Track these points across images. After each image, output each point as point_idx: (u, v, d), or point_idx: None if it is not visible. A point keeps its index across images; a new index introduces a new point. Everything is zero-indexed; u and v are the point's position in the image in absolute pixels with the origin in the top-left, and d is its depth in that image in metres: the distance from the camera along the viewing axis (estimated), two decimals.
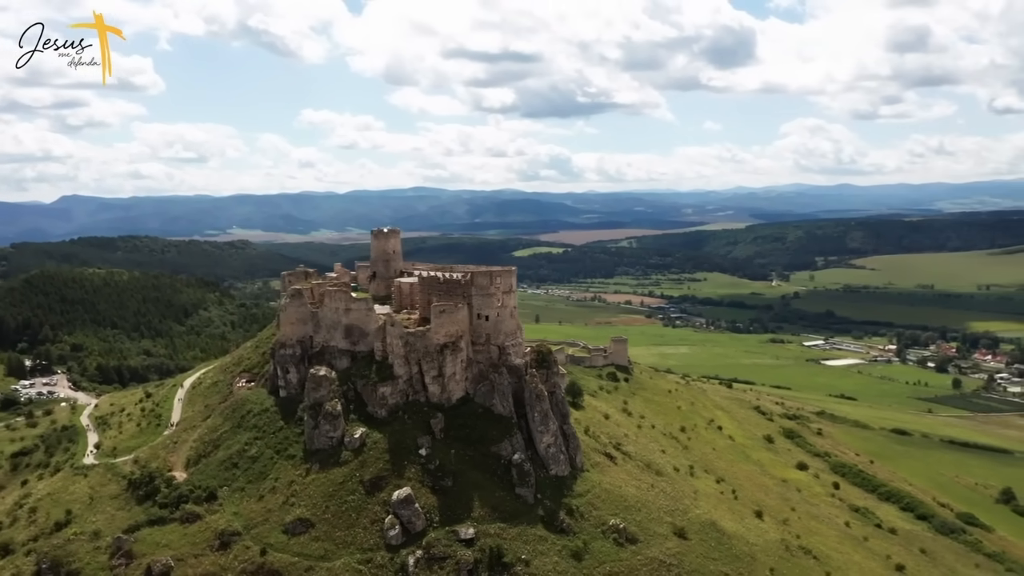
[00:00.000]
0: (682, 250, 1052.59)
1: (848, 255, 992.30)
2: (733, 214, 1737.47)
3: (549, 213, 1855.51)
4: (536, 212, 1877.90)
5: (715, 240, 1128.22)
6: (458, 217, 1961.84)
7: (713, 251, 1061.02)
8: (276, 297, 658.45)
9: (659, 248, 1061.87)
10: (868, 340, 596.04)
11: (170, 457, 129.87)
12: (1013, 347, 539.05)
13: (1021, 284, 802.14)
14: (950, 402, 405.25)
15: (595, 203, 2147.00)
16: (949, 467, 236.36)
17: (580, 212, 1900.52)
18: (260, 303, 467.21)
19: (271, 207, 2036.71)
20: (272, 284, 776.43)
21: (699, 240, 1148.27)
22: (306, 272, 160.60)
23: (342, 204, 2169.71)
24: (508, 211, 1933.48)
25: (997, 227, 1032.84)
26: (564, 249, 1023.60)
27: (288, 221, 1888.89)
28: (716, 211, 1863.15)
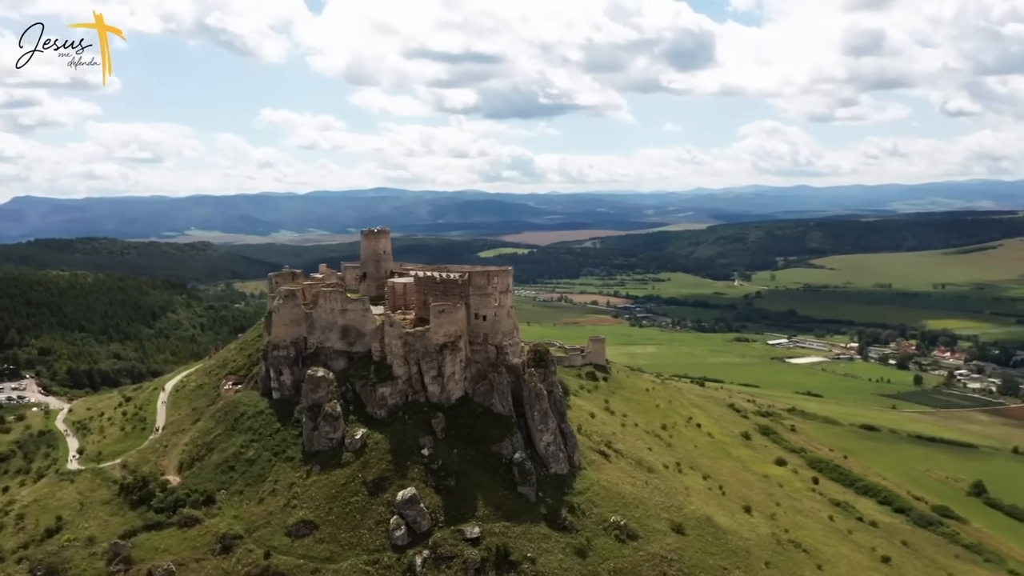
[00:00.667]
0: (646, 251, 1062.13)
1: (807, 255, 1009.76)
2: (693, 215, 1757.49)
3: (512, 214, 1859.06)
4: (499, 213, 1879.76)
5: (678, 241, 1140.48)
6: (421, 218, 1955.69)
7: (676, 251, 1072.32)
8: (241, 299, 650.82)
9: (623, 249, 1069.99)
10: (830, 338, 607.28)
11: (161, 461, 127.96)
12: (970, 344, 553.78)
13: (975, 283, 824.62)
14: (913, 398, 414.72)
15: (558, 204, 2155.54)
16: (919, 462, 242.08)
17: (543, 213, 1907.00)
18: (228, 305, 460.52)
19: (230, 208, 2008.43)
20: (235, 286, 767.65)
21: (662, 241, 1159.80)
22: (293, 273, 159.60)
23: (303, 205, 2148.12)
24: (471, 212, 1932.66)
25: (951, 227, 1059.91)
26: (529, 250, 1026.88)
27: (247, 222, 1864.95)
28: (677, 212, 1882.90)
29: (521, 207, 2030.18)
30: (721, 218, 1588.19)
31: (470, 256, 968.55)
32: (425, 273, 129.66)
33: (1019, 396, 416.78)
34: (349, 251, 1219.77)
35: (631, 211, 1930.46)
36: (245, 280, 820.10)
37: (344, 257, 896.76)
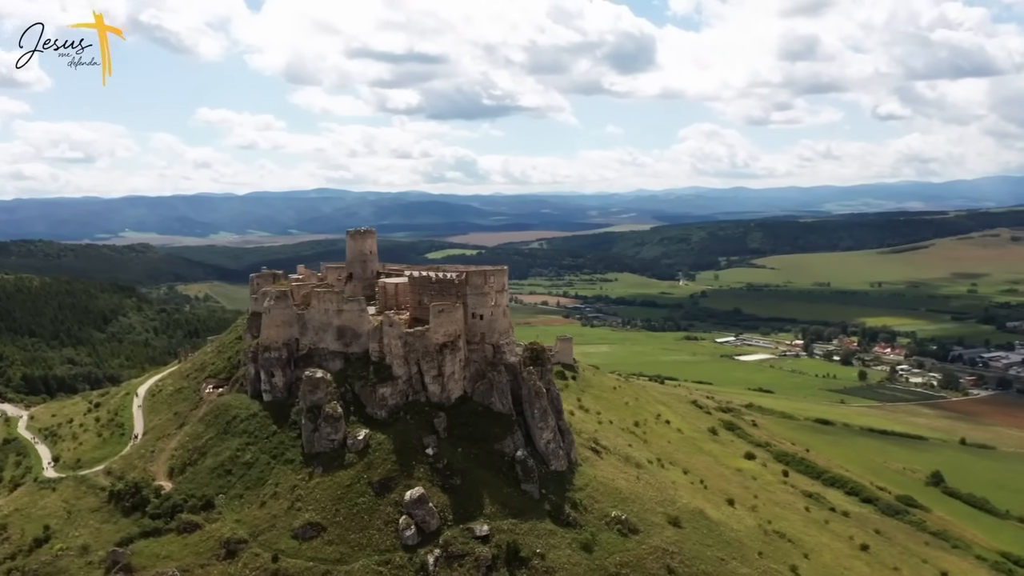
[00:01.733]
0: (592, 251, 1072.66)
1: (749, 255, 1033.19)
2: (636, 216, 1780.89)
3: (457, 215, 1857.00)
4: (444, 214, 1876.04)
5: (623, 241, 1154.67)
6: (364, 219, 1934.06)
7: (621, 252, 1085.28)
8: (186, 302, 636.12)
9: (570, 249, 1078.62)
10: (775, 336, 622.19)
11: (149, 467, 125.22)
12: (909, 340, 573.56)
13: (908, 281, 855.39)
14: (859, 393, 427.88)
15: (502, 205, 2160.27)
16: (875, 454, 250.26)
17: (488, 214, 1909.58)
18: (180, 308, 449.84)
19: (166, 209, 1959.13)
20: (179, 288, 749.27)
21: (608, 241, 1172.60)
22: (274, 274, 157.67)
23: (242, 206, 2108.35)
24: (415, 213, 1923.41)
25: (885, 227, 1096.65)
26: (477, 251, 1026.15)
27: (185, 223, 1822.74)
28: (620, 213, 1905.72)
29: (466, 208, 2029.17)
30: (663, 219, 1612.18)
31: (417, 257, 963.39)
32: (420, 273, 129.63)
33: (959, 390, 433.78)
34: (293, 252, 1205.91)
35: (575, 212, 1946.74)
36: (187, 283, 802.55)
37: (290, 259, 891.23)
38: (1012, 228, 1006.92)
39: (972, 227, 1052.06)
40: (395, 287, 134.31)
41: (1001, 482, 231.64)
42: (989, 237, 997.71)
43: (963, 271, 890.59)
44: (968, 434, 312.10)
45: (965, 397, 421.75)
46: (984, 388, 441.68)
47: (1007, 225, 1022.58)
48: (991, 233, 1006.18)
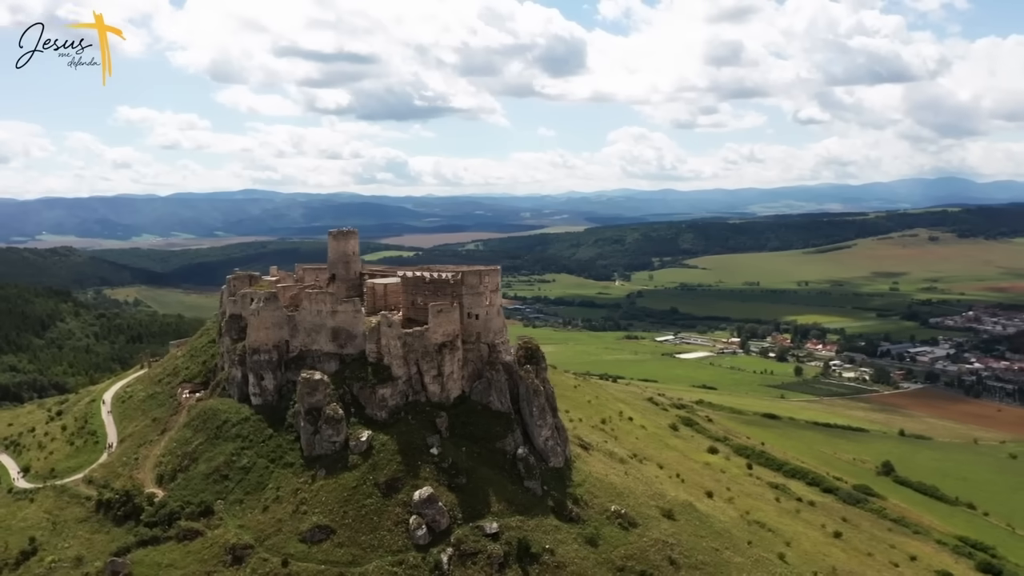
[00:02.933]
0: (528, 252, 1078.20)
1: (681, 255, 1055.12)
2: (568, 218, 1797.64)
3: (390, 217, 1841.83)
4: (376, 216, 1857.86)
5: (558, 243, 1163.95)
6: (294, 221, 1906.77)
7: (557, 253, 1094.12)
8: (115, 307, 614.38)
9: (506, 251, 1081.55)
10: (712, 334, 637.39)
11: (136, 474, 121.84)
12: (838, 337, 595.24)
13: (833, 280, 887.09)
14: (796, 388, 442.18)
15: (435, 207, 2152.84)
16: (824, 446, 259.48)
17: (421, 216, 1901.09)
18: (120, 313, 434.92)
19: (85, 211, 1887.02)
20: (106, 292, 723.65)
21: (544, 242, 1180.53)
22: (250, 276, 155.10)
23: (165, 207, 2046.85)
24: (347, 214, 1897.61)
25: (809, 228, 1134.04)
26: (414, 252, 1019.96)
27: (105, 226, 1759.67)
28: (553, 215, 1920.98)
29: (399, 210, 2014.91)
30: (595, 220, 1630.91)
31: None
32: (414, 273, 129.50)
33: (891, 384, 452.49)
34: (223, 255, 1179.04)
35: (508, 214, 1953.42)
36: (114, 287, 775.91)
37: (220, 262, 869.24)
38: (929, 228, 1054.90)
39: (891, 227, 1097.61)
40: (384, 288, 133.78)
41: (944, 471, 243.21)
42: (908, 237, 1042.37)
43: (884, 270, 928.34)
44: (904, 426, 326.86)
45: (897, 391, 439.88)
46: (913, 382, 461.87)
47: (924, 226, 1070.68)
48: (910, 233, 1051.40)
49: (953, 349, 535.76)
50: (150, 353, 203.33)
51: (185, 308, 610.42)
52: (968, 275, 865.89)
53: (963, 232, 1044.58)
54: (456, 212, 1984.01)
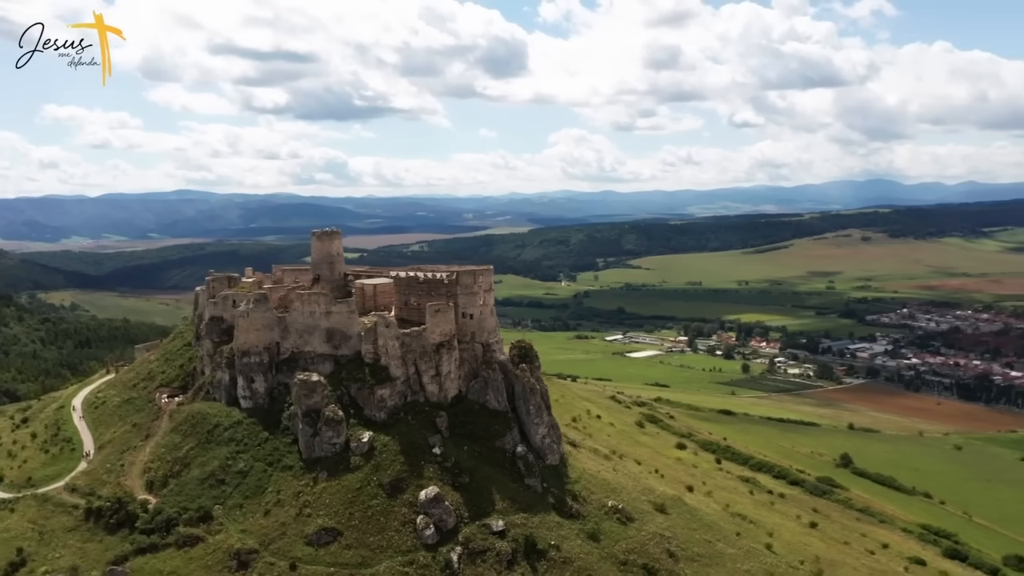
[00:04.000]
0: (474, 253, 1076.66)
1: (625, 256, 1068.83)
2: (511, 219, 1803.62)
3: (330, 218, 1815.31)
4: (317, 217, 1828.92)
5: (503, 243, 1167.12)
6: (231, 222, 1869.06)
7: (503, 254, 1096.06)
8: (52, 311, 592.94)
9: (452, 252, 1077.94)
10: (659, 333, 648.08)
11: (124, 481, 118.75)
12: (780, 334, 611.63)
13: (771, 279, 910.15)
14: (745, 385, 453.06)
15: (377, 208, 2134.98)
16: (780, 440, 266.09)
17: (363, 217, 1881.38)
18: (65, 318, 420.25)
19: (11, 212, 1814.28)
20: (40, 296, 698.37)
21: (488, 243, 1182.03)
22: (229, 277, 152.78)
23: (96, 208, 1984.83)
24: (286, 215, 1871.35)
25: (747, 229, 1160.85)
26: (359, 254, 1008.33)
27: (33, 228, 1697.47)
28: (495, 216, 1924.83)
29: (339, 211, 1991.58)
30: (537, 221, 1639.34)
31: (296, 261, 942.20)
32: (408, 273, 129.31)
33: (834, 379, 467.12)
34: (159, 257, 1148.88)
35: (451, 215, 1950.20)
36: (48, 291, 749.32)
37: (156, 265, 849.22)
38: (862, 229, 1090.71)
39: (826, 228, 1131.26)
40: (373, 288, 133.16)
41: (896, 462, 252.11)
42: (842, 237, 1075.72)
43: (819, 269, 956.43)
44: (852, 420, 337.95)
45: (840, 386, 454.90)
46: (855, 377, 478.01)
47: (857, 226, 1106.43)
48: (843, 234, 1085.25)
49: (891, 345, 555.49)
50: (114, 358, 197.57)
51: (125, 312, 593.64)
52: (900, 274, 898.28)
53: (894, 232, 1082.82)
54: (398, 213, 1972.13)
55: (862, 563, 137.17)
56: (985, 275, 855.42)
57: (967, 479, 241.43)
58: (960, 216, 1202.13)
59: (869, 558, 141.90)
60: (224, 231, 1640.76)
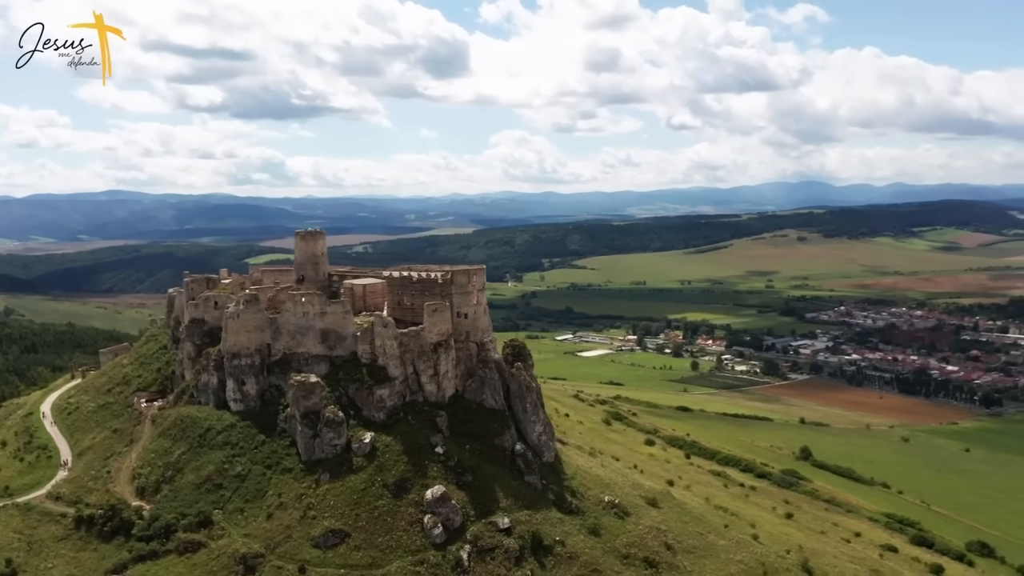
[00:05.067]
0: (420, 254, 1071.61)
1: (569, 256, 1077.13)
2: (454, 219, 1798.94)
3: (269, 219, 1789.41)
4: (254, 218, 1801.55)
5: (448, 244, 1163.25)
6: (164, 223, 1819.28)
7: (448, 255, 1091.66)
8: None
9: (397, 252, 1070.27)
10: (608, 332, 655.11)
11: (112, 488, 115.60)
12: (725, 332, 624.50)
13: (711, 279, 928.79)
14: (695, 382, 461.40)
15: (316, 208, 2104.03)
16: (739, 435, 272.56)
17: (302, 218, 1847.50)
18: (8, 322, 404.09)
19: None
20: None
21: (434, 244, 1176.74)
22: (207, 278, 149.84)
23: (22, 210, 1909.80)
24: (222, 217, 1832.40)
25: (688, 229, 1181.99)
26: None
27: None
28: (437, 216, 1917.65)
29: (278, 211, 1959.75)
30: (480, 222, 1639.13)
31: (236, 263, 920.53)
32: (401, 273, 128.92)
33: (780, 375, 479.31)
34: (92, 260, 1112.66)
35: (392, 216, 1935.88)
36: None
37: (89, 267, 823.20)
38: (798, 229, 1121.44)
39: (763, 228, 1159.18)
40: (363, 288, 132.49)
41: (849, 455, 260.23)
42: (779, 237, 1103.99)
43: (758, 269, 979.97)
44: (801, 414, 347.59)
45: (786, 382, 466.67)
46: (800, 373, 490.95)
47: (793, 227, 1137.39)
48: (780, 234, 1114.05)
49: (831, 342, 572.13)
50: (77, 363, 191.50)
51: (61, 316, 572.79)
52: (835, 273, 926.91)
53: (828, 232, 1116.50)
54: (338, 214, 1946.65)
55: (840, 551, 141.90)
56: (916, 273, 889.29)
57: (919, 470, 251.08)
58: (890, 216, 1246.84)
59: (846, 546, 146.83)
60: (158, 232, 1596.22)
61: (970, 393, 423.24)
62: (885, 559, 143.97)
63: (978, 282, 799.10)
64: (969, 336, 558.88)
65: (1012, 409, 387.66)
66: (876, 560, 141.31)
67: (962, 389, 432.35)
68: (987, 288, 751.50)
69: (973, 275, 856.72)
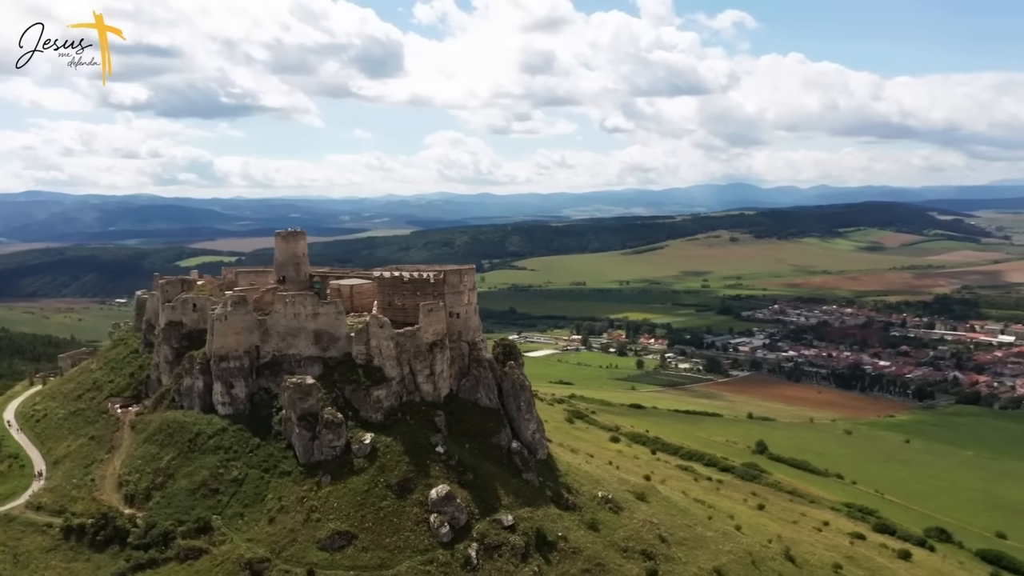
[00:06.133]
0: (357, 256, 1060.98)
1: (509, 257, 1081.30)
2: (389, 221, 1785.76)
3: (197, 220, 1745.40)
4: (183, 219, 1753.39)
5: (387, 246, 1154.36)
6: (87, 225, 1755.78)
7: (387, 256, 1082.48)
8: None
9: (334, 254, 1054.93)
10: (552, 332, 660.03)
11: (99, 496, 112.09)
12: (665, 331, 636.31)
13: (648, 279, 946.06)
14: (642, 380, 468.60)
15: (247, 210, 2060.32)
16: (695, 430, 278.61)
17: (232, 219, 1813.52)
18: None
19: None
20: None
21: (372, 246, 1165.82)
22: (182, 280, 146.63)
23: None
24: (149, 218, 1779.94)
25: (625, 231, 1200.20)
26: (235, 257, 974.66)
27: None
28: (372, 218, 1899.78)
29: (206, 212, 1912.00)
30: (416, 224, 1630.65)
31: (167, 266, 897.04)
32: (392, 273, 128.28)
33: (721, 372, 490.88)
34: (14, 263, 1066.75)
35: (326, 217, 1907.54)
36: None
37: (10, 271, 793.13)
38: (730, 230, 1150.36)
39: (697, 230, 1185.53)
40: (350, 289, 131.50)
41: (799, 447, 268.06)
42: (712, 238, 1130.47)
43: (692, 269, 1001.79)
44: (747, 410, 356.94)
45: (728, 378, 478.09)
46: (741, 370, 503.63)
47: (725, 228, 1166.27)
48: (713, 235, 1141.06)
49: (768, 339, 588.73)
50: (35, 369, 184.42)
51: None
52: (766, 272, 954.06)
53: (759, 233, 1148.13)
54: (270, 215, 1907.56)
55: (815, 540, 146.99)
56: (843, 272, 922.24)
57: (866, 461, 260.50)
58: (816, 218, 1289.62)
59: (818, 535, 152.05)
60: (81, 235, 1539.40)
61: (903, 387, 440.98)
62: (856, 546, 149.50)
63: (903, 280, 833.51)
64: (898, 332, 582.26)
65: (943, 402, 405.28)
66: (848, 547, 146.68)
67: (895, 383, 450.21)
68: (912, 286, 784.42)
69: (897, 274, 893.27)
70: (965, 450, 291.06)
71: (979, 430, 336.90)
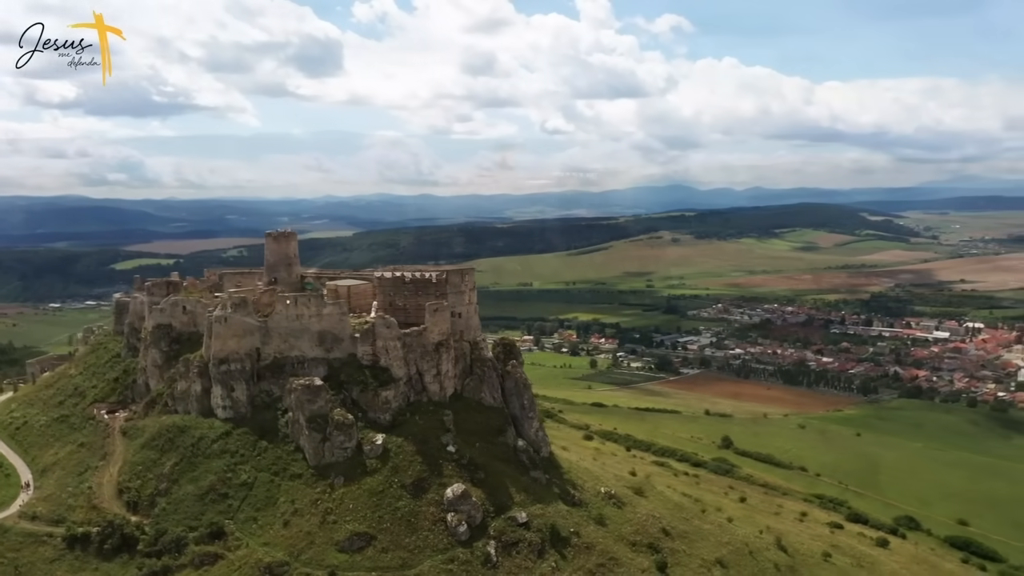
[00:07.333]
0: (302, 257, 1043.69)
1: (454, 259, 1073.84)
2: (328, 222, 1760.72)
3: (129, 222, 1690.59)
4: (114, 221, 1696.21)
5: (330, 247, 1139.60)
6: (13, 227, 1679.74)
7: (329, 258, 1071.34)
8: None
9: None
10: (503, 333, 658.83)
11: (99, 504, 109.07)
12: (615, 331, 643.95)
13: (593, 280, 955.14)
14: (597, 379, 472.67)
15: (181, 211, 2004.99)
16: (661, 427, 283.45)
17: (167, 221, 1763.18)
18: None
19: None
20: None
21: (314, 248, 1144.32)
22: (169, 282, 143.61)
23: None
24: (78, 220, 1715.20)
25: (569, 232, 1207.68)
26: (175, 260, 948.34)
27: None
28: (312, 219, 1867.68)
29: (139, 214, 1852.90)
30: (356, 225, 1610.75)
31: (102, 268, 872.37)
32: (393, 274, 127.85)
33: (672, 370, 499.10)
34: None
35: (263, 218, 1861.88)
36: None
37: None
38: (671, 231, 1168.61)
39: (639, 231, 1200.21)
40: (348, 290, 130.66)
41: (762, 442, 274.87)
42: (654, 239, 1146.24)
43: (636, 270, 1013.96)
44: (702, 407, 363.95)
45: (680, 376, 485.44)
46: (691, 368, 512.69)
47: (667, 228, 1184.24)
48: (655, 236, 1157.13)
49: (715, 338, 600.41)
50: (3, 376, 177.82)
51: None
52: (708, 272, 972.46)
53: (699, 234, 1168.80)
54: (205, 216, 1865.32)
55: (799, 530, 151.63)
56: (781, 272, 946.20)
57: (824, 453, 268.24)
58: (752, 219, 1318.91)
59: (801, 525, 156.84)
60: (8, 237, 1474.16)
61: (847, 382, 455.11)
62: (837, 535, 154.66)
63: (839, 279, 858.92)
64: (838, 330, 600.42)
65: (887, 396, 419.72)
66: (830, 536, 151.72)
67: (839, 379, 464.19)
68: (848, 285, 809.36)
69: (834, 273, 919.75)
70: (914, 442, 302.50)
71: (923, 423, 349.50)
